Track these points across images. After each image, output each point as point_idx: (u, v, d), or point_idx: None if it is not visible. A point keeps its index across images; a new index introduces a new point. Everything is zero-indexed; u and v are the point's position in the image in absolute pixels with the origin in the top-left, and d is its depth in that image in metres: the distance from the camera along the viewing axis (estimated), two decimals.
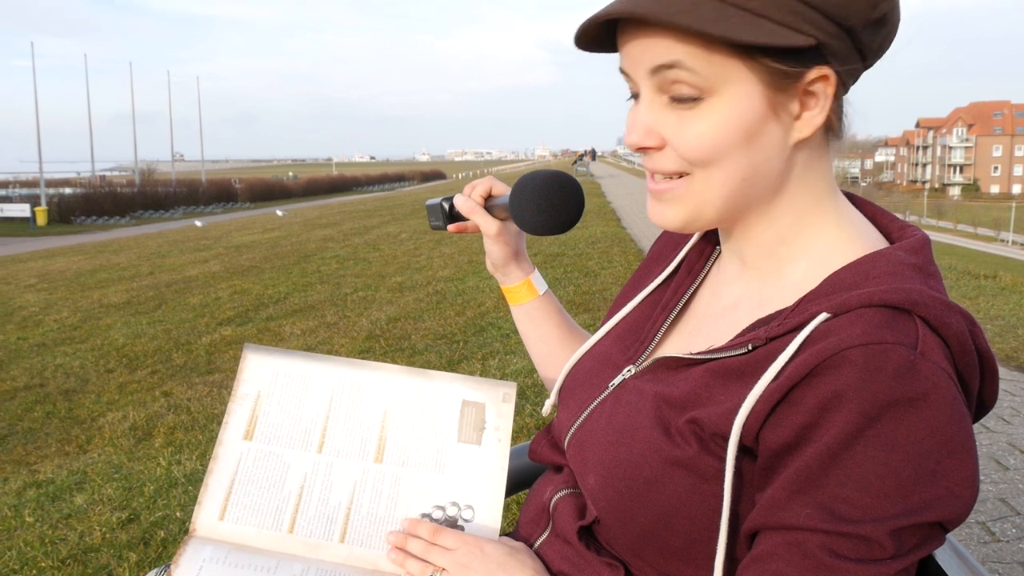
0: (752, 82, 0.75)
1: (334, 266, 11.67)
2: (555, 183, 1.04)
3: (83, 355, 7.59)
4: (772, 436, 0.74)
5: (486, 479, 0.99)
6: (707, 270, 0.99)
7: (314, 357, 1.04)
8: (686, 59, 0.75)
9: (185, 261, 14.33)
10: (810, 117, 0.79)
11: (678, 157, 0.79)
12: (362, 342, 6.66)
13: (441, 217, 1.18)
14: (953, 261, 9.14)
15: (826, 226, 0.85)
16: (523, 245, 1.20)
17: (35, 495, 3.97)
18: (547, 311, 1.21)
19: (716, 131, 0.77)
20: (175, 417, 5.24)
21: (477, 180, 1.17)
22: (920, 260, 0.80)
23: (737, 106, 0.76)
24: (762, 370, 0.76)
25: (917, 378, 0.69)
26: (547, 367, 1.22)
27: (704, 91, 0.76)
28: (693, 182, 0.80)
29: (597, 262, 9.19)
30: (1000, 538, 2.82)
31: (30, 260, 18.46)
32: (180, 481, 3.83)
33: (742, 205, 0.83)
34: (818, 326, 0.74)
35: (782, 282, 0.86)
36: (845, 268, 0.80)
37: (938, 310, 0.73)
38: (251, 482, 0.98)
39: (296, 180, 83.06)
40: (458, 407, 1.02)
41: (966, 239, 43.86)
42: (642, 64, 0.78)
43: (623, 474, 0.84)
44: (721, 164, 0.78)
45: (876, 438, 0.68)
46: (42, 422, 5.70)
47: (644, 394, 0.87)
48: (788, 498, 0.71)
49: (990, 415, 4.00)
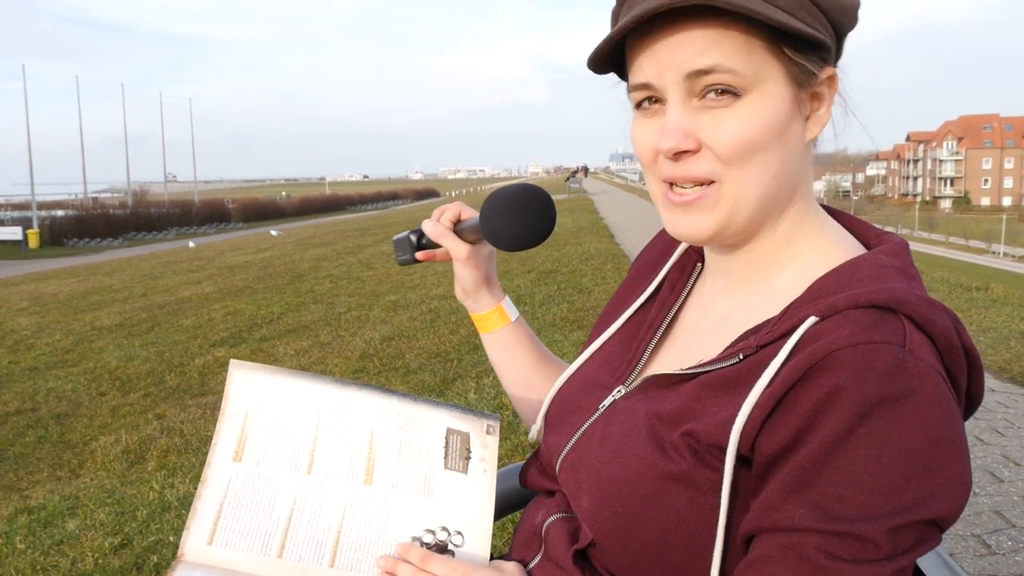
0: (782, 78, 0.79)
1: (328, 285, 11.66)
2: (526, 195, 1.03)
3: (75, 378, 7.55)
4: (768, 442, 0.74)
5: (475, 506, 0.98)
6: (690, 286, 0.99)
7: (300, 374, 1.03)
8: (725, 60, 0.76)
9: (178, 282, 14.30)
10: (818, 117, 0.83)
11: (713, 159, 0.80)
12: (356, 361, 6.65)
13: (409, 249, 1.17)
14: (945, 273, 9.18)
15: (814, 232, 0.87)
16: (493, 270, 1.19)
17: (27, 521, 3.93)
18: (519, 337, 1.19)
19: (754, 126, 0.78)
20: (168, 440, 5.21)
21: (445, 205, 1.16)
22: (900, 263, 0.82)
23: (771, 102, 0.78)
24: (755, 378, 0.76)
25: (906, 375, 0.69)
26: (521, 394, 1.20)
27: (742, 88, 0.77)
28: (725, 186, 0.81)
29: (591, 278, 9.20)
30: (996, 551, 2.82)
31: (22, 283, 18.41)
32: (173, 505, 3.80)
33: (771, 206, 0.84)
34: (807, 330, 0.75)
35: (770, 291, 0.86)
36: (829, 274, 0.81)
37: (923, 308, 0.74)
38: (240, 506, 0.97)
39: (289, 199, 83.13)
40: (443, 434, 1.01)
41: (958, 251, 44.05)
42: (675, 70, 0.78)
43: (618, 493, 0.83)
44: (755, 161, 0.79)
45: (868, 436, 0.68)
46: (34, 447, 5.67)
47: (636, 413, 0.87)
48: (782, 499, 0.71)
49: (985, 427, 4.00)
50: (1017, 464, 3.55)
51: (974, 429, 3.98)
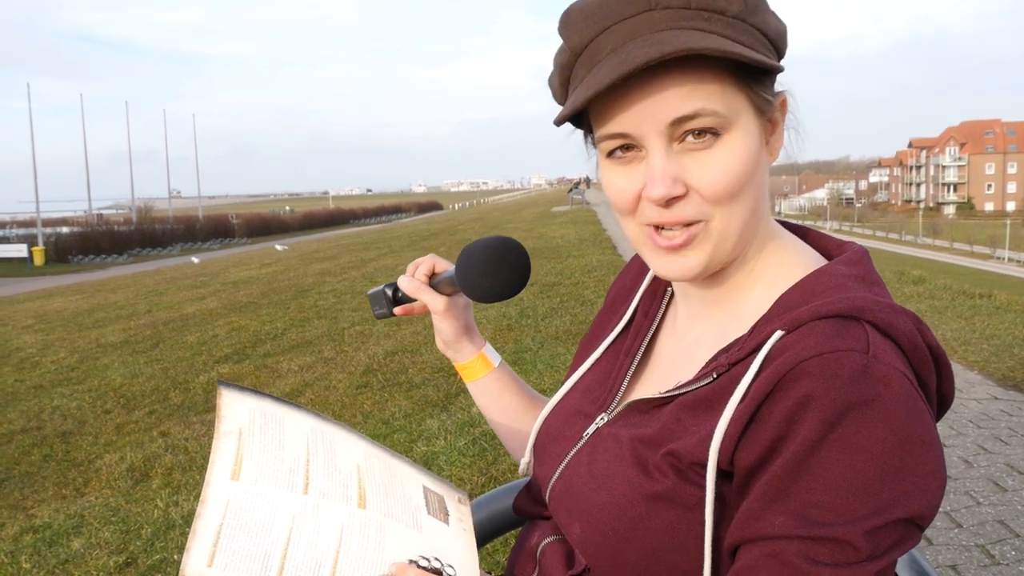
0: (751, 112, 0.81)
1: (331, 300, 11.68)
2: (500, 247, 1.05)
3: (80, 396, 7.57)
4: (746, 456, 0.76)
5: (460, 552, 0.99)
6: (662, 312, 1.01)
7: (284, 402, 1.04)
8: (707, 104, 0.78)
9: (182, 299, 14.33)
10: (774, 141, 0.86)
11: (700, 201, 0.81)
12: (360, 376, 6.65)
13: (385, 304, 1.18)
14: (949, 281, 9.15)
15: (776, 250, 0.89)
16: (472, 319, 1.20)
17: (32, 540, 3.94)
18: (504, 382, 1.21)
19: (737, 164, 0.80)
20: (173, 457, 5.22)
21: (419, 259, 1.17)
22: (861, 271, 0.84)
23: (748, 137, 0.81)
24: (729, 394, 0.78)
25: (872, 380, 0.71)
26: (511, 436, 1.21)
27: (721, 128, 0.79)
28: (712, 223, 0.82)
29: (593, 291, 9.20)
30: (1000, 561, 2.81)
31: (27, 301, 18.46)
32: (178, 523, 3.81)
33: (750, 236, 0.86)
34: (775, 344, 0.77)
35: (740, 312, 0.88)
36: (793, 288, 0.83)
37: (884, 314, 0.76)
38: (239, 526, 0.97)
39: (293, 214, 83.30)
40: (420, 488, 1.02)
41: (963, 257, 43.89)
42: (655, 120, 0.79)
43: (607, 518, 0.85)
44: (740, 197, 0.81)
45: (839, 441, 0.70)
46: (39, 465, 5.68)
47: (620, 439, 0.88)
48: (762, 509, 0.73)
49: (988, 436, 3.99)
50: (1021, 473, 3.54)
51: (978, 438, 3.97)
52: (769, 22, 0.81)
